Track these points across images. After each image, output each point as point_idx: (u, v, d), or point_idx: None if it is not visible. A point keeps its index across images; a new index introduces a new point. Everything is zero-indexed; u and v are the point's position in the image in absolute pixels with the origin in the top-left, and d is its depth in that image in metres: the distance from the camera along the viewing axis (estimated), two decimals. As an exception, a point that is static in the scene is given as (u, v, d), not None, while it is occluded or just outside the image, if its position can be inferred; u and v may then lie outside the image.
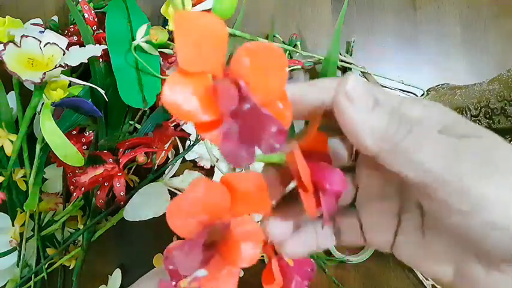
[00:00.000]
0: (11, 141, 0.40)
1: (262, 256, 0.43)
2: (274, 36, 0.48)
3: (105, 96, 0.38)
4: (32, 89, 0.37)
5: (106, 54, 0.41)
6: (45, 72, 0.32)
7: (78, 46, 0.37)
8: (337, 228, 0.21)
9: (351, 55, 0.51)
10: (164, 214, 0.44)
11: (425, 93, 0.52)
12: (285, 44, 0.49)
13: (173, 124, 0.42)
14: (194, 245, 0.16)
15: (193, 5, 0.41)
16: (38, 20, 0.44)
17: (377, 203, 0.20)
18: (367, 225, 0.21)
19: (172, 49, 0.42)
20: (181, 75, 0.15)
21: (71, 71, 0.44)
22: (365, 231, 0.21)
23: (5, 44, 0.32)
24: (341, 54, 0.49)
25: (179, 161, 0.44)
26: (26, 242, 0.41)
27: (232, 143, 0.15)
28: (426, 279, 0.47)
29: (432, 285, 0.46)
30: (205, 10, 0.43)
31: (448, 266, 0.18)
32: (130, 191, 0.41)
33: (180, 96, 0.14)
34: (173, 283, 0.21)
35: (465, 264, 0.17)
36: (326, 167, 0.18)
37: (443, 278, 0.18)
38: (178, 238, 0.19)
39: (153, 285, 0.25)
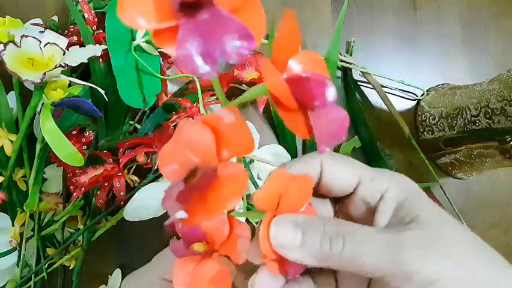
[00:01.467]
0: (11, 141, 0.40)
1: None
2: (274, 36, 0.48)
3: (105, 96, 0.38)
4: (32, 89, 0.37)
5: (106, 54, 0.41)
6: (45, 72, 0.32)
7: (78, 46, 0.37)
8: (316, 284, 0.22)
9: (351, 55, 0.51)
10: (164, 214, 0.44)
11: (425, 93, 0.52)
12: (285, 44, 0.49)
13: (173, 124, 0.42)
14: (177, 187, 0.16)
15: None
16: (38, 20, 0.44)
17: (353, 278, 0.22)
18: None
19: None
20: None
21: (71, 71, 0.44)
22: None
23: (5, 44, 0.32)
24: (341, 54, 0.49)
25: (179, 161, 0.44)
26: (26, 242, 0.41)
27: (189, 48, 0.13)
28: None
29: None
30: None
31: None
32: (130, 191, 0.41)
33: (134, 5, 0.13)
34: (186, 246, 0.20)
35: None
36: (311, 80, 0.16)
37: None
38: (178, 238, 0.19)
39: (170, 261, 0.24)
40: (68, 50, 0.36)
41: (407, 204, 0.19)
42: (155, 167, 0.42)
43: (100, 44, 0.41)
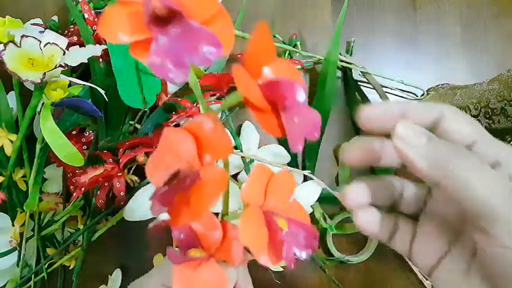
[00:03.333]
0: (11, 141, 0.40)
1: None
2: (274, 36, 0.48)
3: (105, 96, 0.38)
4: (32, 89, 0.37)
5: (106, 54, 0.41)
6: (45, 72, 0.32)
7: (78, 46, 0.37)
8: (393, 229, 0.23)
9: (351, 55, 0.51)
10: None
11: (425, 93, 0.52)
12: (285, 44, 0.49)
13: (173, 124, 0.42)
14: (160, 190, 0.17)
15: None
16: (38, 20, 0.44)
17: (437, 226, 0.22)
18: (419, 240, 0.22)
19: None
20: (118, 6, 0.15)
21: (71, 71, 0.44)
22: (415, 245, 0.22)
23: (5, 44, 0.32)
24: (341, 54, 0.49)
25: (179, 161, 0.44)
26: (26, 242, 0.41)
27: (161, 55, 0.14)
28: (426, 279, 0.47)
29: (433, 285, 0.46)
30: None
31: None
32: (130, 191, 0.41)
33: (114, 23, 0.15)
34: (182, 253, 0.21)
35: None
36: (281, 83, 0.17)
37: None
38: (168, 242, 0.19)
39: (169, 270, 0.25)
40: (68, 50, 0.36)
41: None
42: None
43: (100, 44, 0.41)
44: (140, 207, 0.41)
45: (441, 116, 0.20)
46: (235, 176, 0.45)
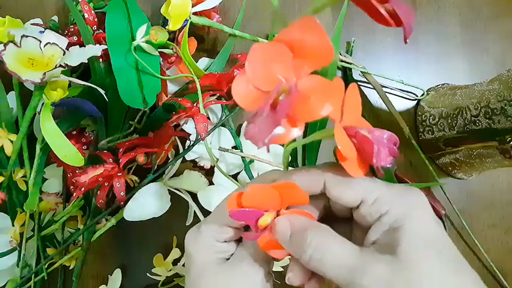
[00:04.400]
0: (11, 141, 0.40)
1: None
2: (274, 36, 0.48)
3: (105, 96, 0.38)
4: (32, 89, 0.37)
5: (106, 54, 0.41)
6: (45, 72, 0.32)
7: (78, 46, 0.37)
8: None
9: (351, 55, 0.51)
10: (164, 214, 0.44)
11: (425, 93, 0.52)
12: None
13: (173, 124, 0.42)
14: (263, 110, 0.16)
15: (193, 5, 0.41)
16: (38, 20, 0.44)
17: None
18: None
19: (172, 49, 0.42)
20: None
21: (71, 71, 0.44)
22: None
23: (5, 44, 0.32)
24: (341, 54, 0.49)
25: (179, 161, 0.44)
26: (26, 242, 0.41)
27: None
28: None
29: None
30: (205, 10, 0.43)
31: None
32: (130, 191, 0.41)
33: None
34: (254, 229, 0.23)
35: None
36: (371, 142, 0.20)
37: None
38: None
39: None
40: (68, 50, 0.36)
41: (398, 231, 0.20)
42: (155, 167, 0.42)
43: (100, 44, 0.41)
44: (140, 207, 0.41)
45: (325, 186, 0.22)
46: (235, 176, 0.45)
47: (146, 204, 0.41)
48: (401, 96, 0.52)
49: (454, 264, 0.20)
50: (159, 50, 0.42)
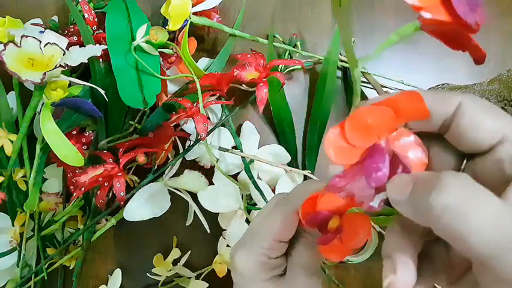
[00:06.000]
0: (11, 141, 0.40)
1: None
2: (274, 36, 0.48)
3: (105, 96, 0.38)
4: (32, 89, 0.37)
5: (106, 54, 0.41)
6: (45, 73, 0.32)
7: (78, 46, 0.37)
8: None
9: (351, 55, 0.51)
10: (164, 214, 0.44)
11: (425, 93, 0.51)
12: (285, 44, 0.49)
13: (173, 124, 0.42)
14: (372, 162, 0.17)
15: (193, 5, 0.41)
16: (38, 20, 0.44)
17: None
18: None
19: (172, 49, 0.42)
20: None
21: (71, 71, 0.44)
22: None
23: (5, 44, 0.32)
24: (341, 54, 0.49)
25: (179, 161, 0.44)
26: (26, 242, 0.41)
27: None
28: None
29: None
30: (205, 10, 0.42)
31: None
32: (130, 191, 0.41)
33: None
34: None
35: None
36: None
37: None
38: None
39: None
40: (68, 50, 0.36)
41: None
42: (155, 167, 0.42)
43: (100, 44, 0.41)
44: (140, 207, 0.41)
45: (459, 108, 0.17)
46: (235, 176, 0.45)
47: (146, 204, 0.41)
48: (401, 96, 0.52)
49: None
50: (159, 50, 0.42)
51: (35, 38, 0.34)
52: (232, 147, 0.45)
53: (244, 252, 0.24)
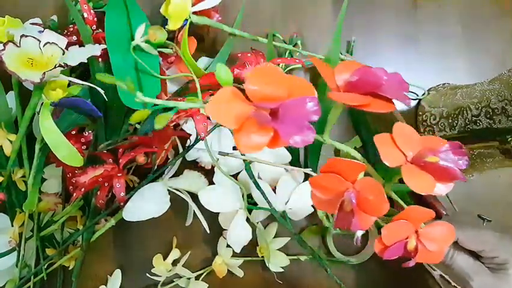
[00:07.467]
0: (10, 141, 0.40)
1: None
2: (274, 35, 0.48)
3: (104, 96, 0.38)
4: (32, 89, 0.37)
5: (105, 53, 0.40)
6: (44, 72, 0.32)
7: (77, 46, 0.37)
8: None
9: (351, 55, 0.51)
10: (164, 214, 0.44)
11: (426, 92, 0.52)
12: (285, 43, 0.49)
13: (173, 124, 0.42)
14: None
15: (193, 5, 0.41)
16: (38, 20, 0.44)
17: None
18: None
19: (171, 49, 0.42)
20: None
21: (71, 70, 0.44)
22: None
23: (5, 44, 0.32)
24: (341, 54, 0.49)
25: (179, 161, 0.44)
26: (25, 242, 0.41)
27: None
28: (434, 269, 0.46)
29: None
30: (205, 9, 0.42)
31: None
32: (130, 191, 0.41)
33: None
34: None
35: None
36: None
37: None
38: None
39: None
40: (67, 49, 0.35)
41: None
42: (155, 167, 0.42)
43: (100, 44, 0.41)
44: (140, 207, 0.41)
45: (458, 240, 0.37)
46: (235, 176, 0.45)
47: (146, 204, 0.41)
48: (402, 96, 0.52)
49: None
50: (159, 49, 0.42)
51: (34, 37, 0.34)
52: (233, 148, 0.44)
53: None
